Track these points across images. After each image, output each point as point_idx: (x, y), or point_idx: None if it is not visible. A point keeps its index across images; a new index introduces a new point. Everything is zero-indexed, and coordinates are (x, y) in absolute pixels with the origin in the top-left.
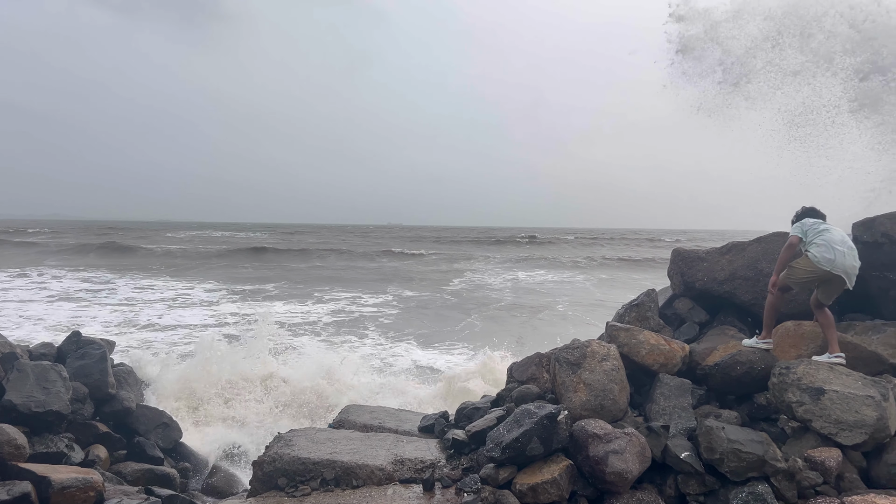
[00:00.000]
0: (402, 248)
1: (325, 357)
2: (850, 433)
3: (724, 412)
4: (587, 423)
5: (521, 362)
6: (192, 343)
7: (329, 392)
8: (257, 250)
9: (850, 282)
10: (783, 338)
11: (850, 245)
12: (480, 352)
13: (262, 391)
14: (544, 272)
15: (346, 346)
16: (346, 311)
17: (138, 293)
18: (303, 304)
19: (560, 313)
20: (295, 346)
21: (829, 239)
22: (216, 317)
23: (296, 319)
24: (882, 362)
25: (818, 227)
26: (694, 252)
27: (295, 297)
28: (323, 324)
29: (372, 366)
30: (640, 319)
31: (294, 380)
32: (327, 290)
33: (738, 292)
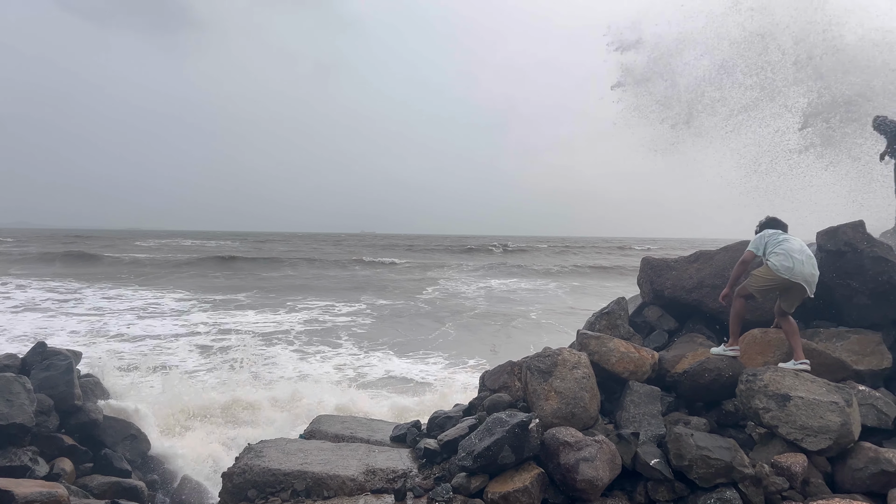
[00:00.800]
0: (374, 256)
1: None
2: (816, 439)
3: (693, 419)
4: (558, 431)
5: (492, 371)
6: (161, 354)
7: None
8: (228, 259)
9: (811, 289)
10: (750, 345)
11: (809, 254)
12: (455, 360)
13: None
14: (517, 280)
15: (319, 357)
16: (319, 321)
17: (107, 302)
18: (275, 314)
19: (533, 321)
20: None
21: (788, 248)
22: (187, 326)
23: (268, 329)
24: (846, 369)
25: (777, 238)
26: (663, 261)
27: (267, 306)
28: (296, 333)
29: (345, 375)
30: (611, 327)
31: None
32: (300, 299)
33: (706, 300)
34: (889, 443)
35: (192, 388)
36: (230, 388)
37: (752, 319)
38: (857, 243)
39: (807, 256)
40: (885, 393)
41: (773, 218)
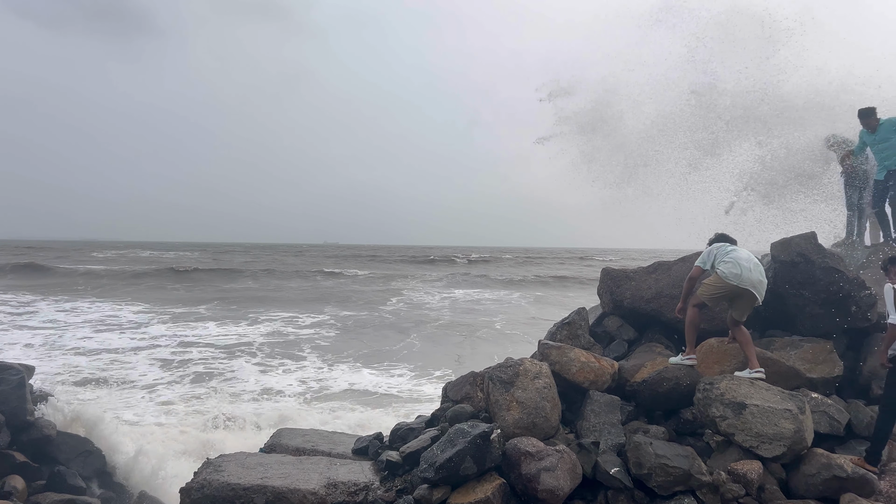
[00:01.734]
0: (338, 267)
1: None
2: (770, 446)
3: (652, 427)
4: (520, 441)
5: (455, 382)
6: (120, 368)
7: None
8: (188, 270)
9: (759, 295)
10: (707, 354)
11: (756, 262)
12: (421, 371)
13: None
14: (481, 290)
15: (282, 369)
16: (282, 333)
17: (62, 315)
18: (237, 326)
19: (498, 331)
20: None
21: (736, 257)
22: (146, 340)
23: (230, 341)
24: (799, 377)
25: (725, 249)
26: (622, 271)
27: (228, 318)
28: (258, 345)
29: (309, 388)
30: (572, 337)
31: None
32: (262, 311)
33: (665, 310)
34: (841, 449)
35: (151, 403)
36: (190, 402)
37: (709, 329)
38: (809, 254)
39: (754, 264)
40: (837, 400)
41: (722, 234)
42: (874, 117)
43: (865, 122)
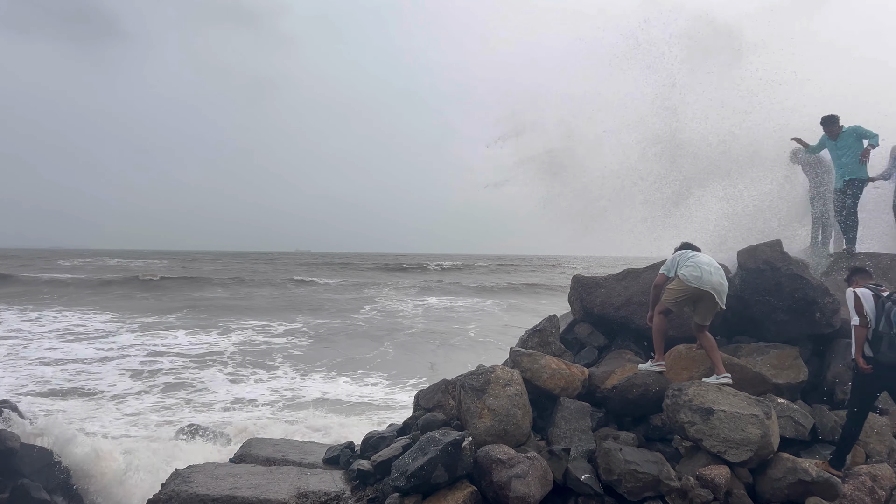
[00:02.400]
0: (310, 275)
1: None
2: (738, 451)
3: (622, 434)
4: (491, 448)
5: (427, 390)
6: (89, 379)
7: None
8: (157, 278)
9: (720, 298)
10: (676, 361)
11: (717, 266)
12: (395, 380)
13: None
14: (454, 298)
15: (254, 379)
16: (254, 342)
17: (28, 325)
18: (207, 335)
19: (471, 339)
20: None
21: (697, 261)
22: (115, 349)
23: (200, 351)
24: (766, 382)
25: (687, 255)
26: (593, 279)
27: (199, 327)
28: (230, 354)
29: (281, 396)
30: (543, 344)
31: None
32: (233, 320)
33: (634, 317)
34: (806, 453)
35: (119, 414)
36: (160, 412)
37: (677, 336)
38: (775, 262)
39: (714, 268)
40: (802, 405)
41: (686, 243)
42: (837, 125)
43: (828, 129)
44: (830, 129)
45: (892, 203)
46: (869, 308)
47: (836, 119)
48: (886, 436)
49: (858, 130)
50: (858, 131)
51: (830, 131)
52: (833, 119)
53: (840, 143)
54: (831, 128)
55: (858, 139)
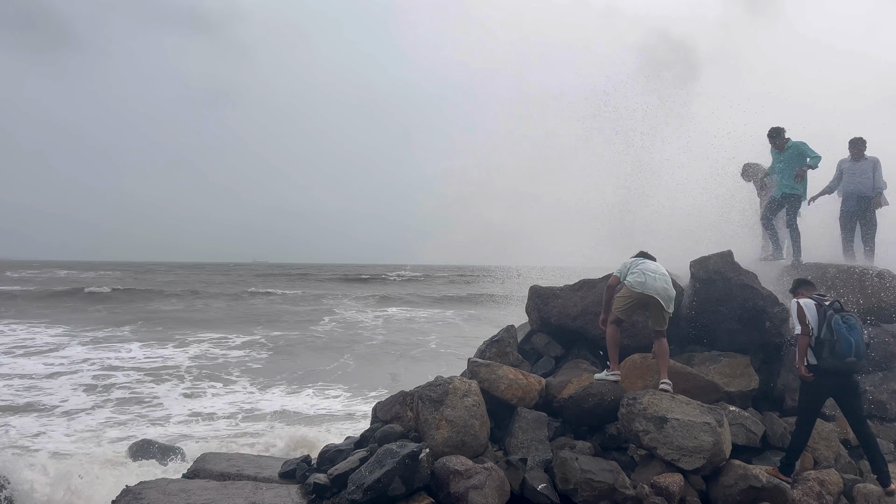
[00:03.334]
0: (268, 286)
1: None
2: (691, 458)
3: (579, 443)
4: (448, 459)
5: (384, 401)
6: (39, 394)
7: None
8: (110, 290)
9: (666, 304)
10: (630, 370)
11: (663, 273)
12: (356, 392)
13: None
14: (415, 309)
15: (212, 393)
16: (211, 355)
17: None
18: (162, 348)
19: (433, 350)
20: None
21: (644, 268)
22: (66, 364)
23: (155, 364)
24: (718, 390)
25: (637, 262)
26: (549, 289)
27: (154, 339)
28: (186, 368)
29: (240, 409)
30: (500, 355)
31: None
32: (189, 332)
33: (590, 327)
34: (757, 459)
35: (70, 430)
36: (113, 428)
37: (632, 345)
38: (726, 271)
39: (660, 275)
40: (753, 413)
41: (642, 252)
42: (783, 137)
43: (774, 141)
44: (776, 141)
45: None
46: (811, 317)
47: (782, 131)
48: (833, 441)
49: (802, 148)
50: (801, 149)
51: (776, 143)
52: (779, 131)
53: (784, 156)
54: (777, 140)
55: (801, 157)
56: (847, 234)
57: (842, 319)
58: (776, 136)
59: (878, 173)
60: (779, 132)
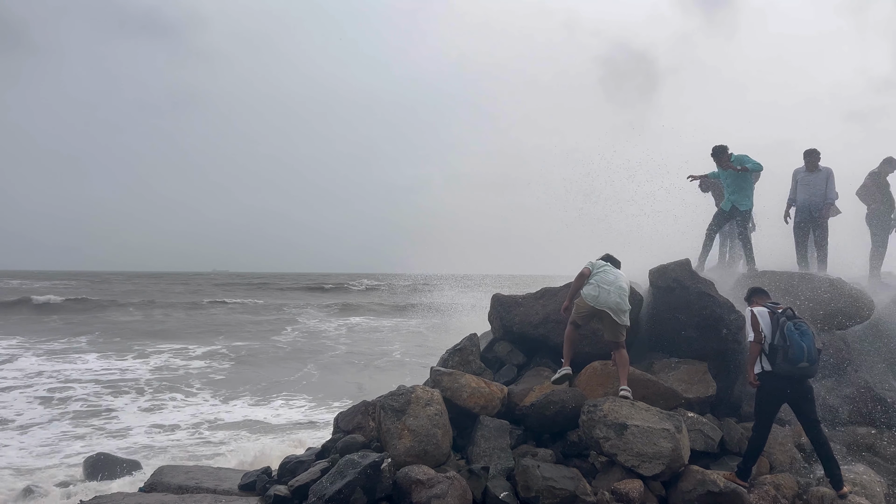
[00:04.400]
0: (229, 295)
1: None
2: (650, 464)
3: (541, 451)
4: (411, 469)
5: (346, 412)
6: None
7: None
8: (65, 300)
9: (618, 317)
10: (591, 377)
11: (620, 286)
12: (320, 402)
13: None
14: (378, 318)
15: (172, 405)
16: (172, 366)
17: None
18: (121, 359)
19: (397, 360)
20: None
21: (600, 280)
22: (20, 376)
23: (113, 377)
24: (677, 397)
25: (598, 271)
26: (512, 297)
27: (112, 351)
28: (146, 380)
29: (203, 420)
30: (463, 363)
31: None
32: (148, 343)
33: (552, 335)
34: (715, 465)
35: (24, 444)
36: (69, 441)
37: (592, 352)
38: (684, 280)
39: (615, 287)
40: (711, 418)
41: (608, 255)
42: (726, 154)
43: (718, 159)
44: (720, 159)
45: (793, 225)
46: (765, 325)
47: (725, 149)
48: (788, 446)
49: (743, 160)
50: (743, 160)
51: (720, 161)
52: (722, 149)
53: (729, 171)
54: (721, 157)
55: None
56: (800, 243)
57: (794, 326)
58: (720, 154)
59: (831, 184)
60: (723, 150)
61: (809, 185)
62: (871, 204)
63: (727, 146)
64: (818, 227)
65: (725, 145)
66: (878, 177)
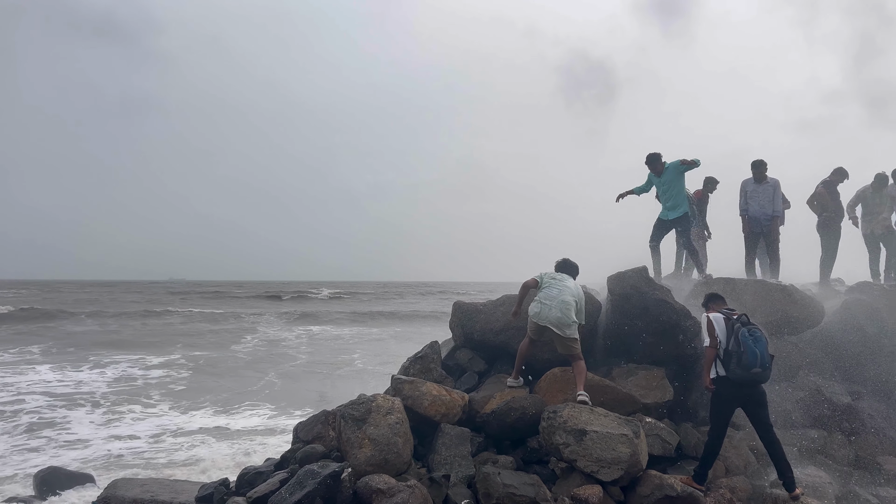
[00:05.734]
0: (187, 304)
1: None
2: (609, 470)
3: (501, 458)
4: (371, 478)
5: (306, 421)
6: None
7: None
8: (14, 309)
9: (562, 332)
10: (551, 383)
11: (563, 300)
12: (282, 411)
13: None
14: (340, 326)
15: (131, 417)
16: (129, 377)
17: None
18: (77, 370)
19: (359, 368)
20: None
21: (543, 295)
22: None
23: (67, 389)
24: (635, 402)
25: (546, 284)
26: (473, 305)
27: (66, 361)
28: (102, 393)
29: (162, 431)
30: (424, 371)
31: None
32: (104, 353)
33: (513, 342)
34: (672, 469)
35: None
36: (21, 454)
37: (552, 359)
38: (641, 286)
39: (557, 303)
40: (669, 423)
41: (564, 260)
42: (660, 162)
43: (654, 166)
44: (654, 167)
45: (743, 235)
46: (720, 330)
47: (658, 156)
48: (743, 450)
49: (677, 165)
50: (678, 166)
51: (654, 168)
52: (656, 157)
53: (664, 179)
54: (656, 165)
55: (680, 174)
56: (750, 252)
57: (748, 332)
58: (654, 162)
59: (777, 197)
60: (657, 157)
61: (758, 196)
62: (822, 212)
63: (661, 153)
64: (769, 237)
65: (659, 153)
66: (830, 185)
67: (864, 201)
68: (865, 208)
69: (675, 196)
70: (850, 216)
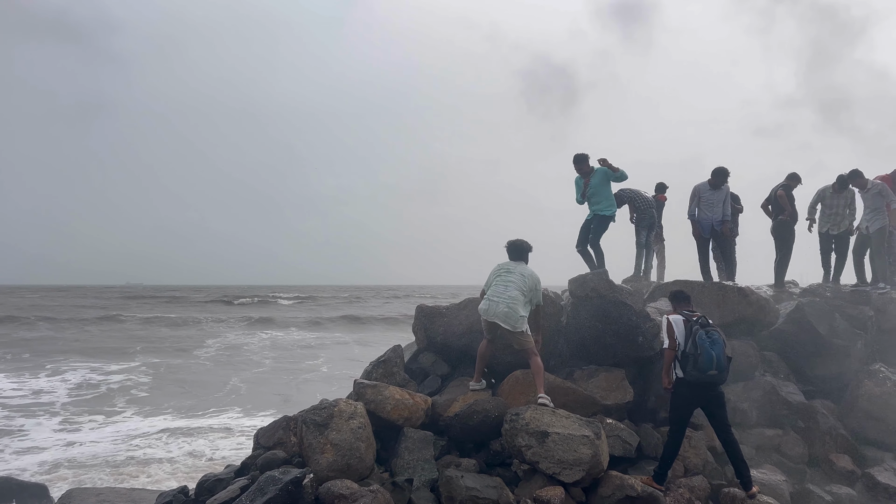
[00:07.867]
0: (146, 309)
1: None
2: (571, 471)
3: (464, 461)
4: (333, 484)
5: (266, 427)
6: None
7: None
8: None
9: (511, 327)
10: (513, 386)
11: (509, 295)
12: (248, 417)
13: None
14: (303, 331)
15: (91, 425)
16: (90, 384)
17: None
18: (34, 378)
19: (323, 372)
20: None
21: (492, 292)
22: None
23: (25, 399)
24: (596, 404)
25: (494, 279)
26: (436, 308)
27: (23, 369)
28: (62, 403)
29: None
30: (387, 375)
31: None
32: (62, 360)
33: (475, 345)
34: (633, 469)
35: None
36: None
37: (513, 362)
38: (601, 289)
39: (504, 298)
40: (629, 424)
41: (511, 243)
42: (587, 164)
43: (579, 168)
44: (581, 168)
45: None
46: (679, 332)
47: (586, 157)
48: (702, 449)
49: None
50: (606, 171)
51: (581, 170)
52: (584, 158)
53: (592, 182)
54: (582, 166)
55: (606, 180)
56: (703, 256)
57: (706, 334)
58: (582, 163)
59: (727, 203)
60: (584, 158)
61: (712, 201)
62: (777, 215)
63: (588, 155)
64: (723, 240)
65: (587, 154)
66: (788, 189)
67: (824, 201)
68: (825, 208)
69: (602, 201)
70: (809, 216)
